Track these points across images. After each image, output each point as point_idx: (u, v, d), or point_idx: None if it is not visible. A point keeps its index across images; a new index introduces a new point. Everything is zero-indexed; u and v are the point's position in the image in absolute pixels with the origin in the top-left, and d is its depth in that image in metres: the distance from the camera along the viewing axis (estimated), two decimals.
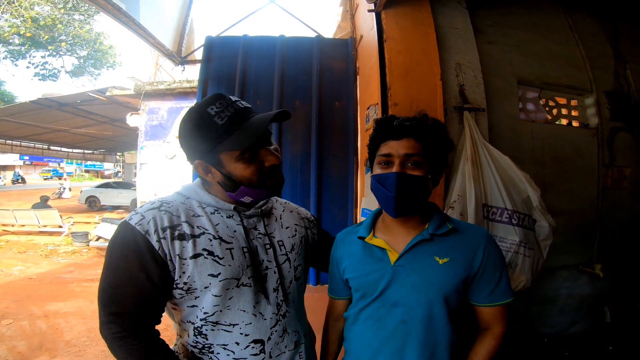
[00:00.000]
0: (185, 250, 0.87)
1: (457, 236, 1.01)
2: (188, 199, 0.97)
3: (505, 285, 1.01)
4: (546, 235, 1.74)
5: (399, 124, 0.97)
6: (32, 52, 16.27)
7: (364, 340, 1.06)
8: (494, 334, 1.01)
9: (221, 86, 2.50)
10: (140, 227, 0.84)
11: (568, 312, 2.23)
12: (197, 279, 0.88)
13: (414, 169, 0.96)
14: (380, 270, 1.01)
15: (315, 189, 2.33)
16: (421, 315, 0.97)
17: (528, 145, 2.16)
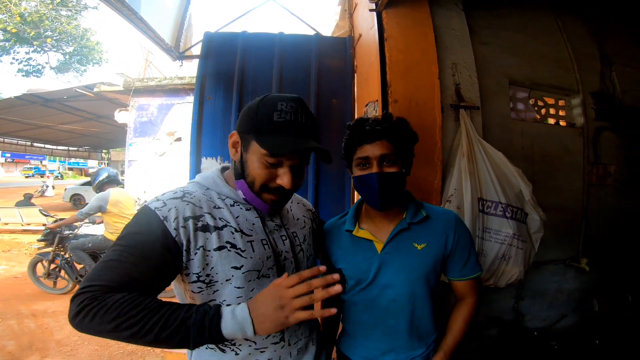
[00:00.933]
0: (209, 242, 0.87)
1: (430, 222, 1.17)
2: (208, 190, 0.97)
3: (473, 262, 1.18)
4: (537, 228, 1.82)
5: (370, 128, 1.08)
6: (17, 47, 15.84)
7: (361, 319, 1.21)
8: (468, 304, 1.19)
9: (219, 82, 2.50)
10: (160, 212, 0.83)
11: (557, 306, 2.31)
12: (220, 270, 0.88)
13: (389, 166, 1.09)
14: (369, 259, 1.16)
15: (313, 185, 2.36)
16: (407, 293, 1.13)
17: (518, 143, 2.23)
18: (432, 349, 1.18)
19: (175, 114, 7.12)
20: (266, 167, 0.89)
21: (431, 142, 1.84)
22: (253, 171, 0.91)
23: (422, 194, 1.82)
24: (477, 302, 1.19)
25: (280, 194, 0.94)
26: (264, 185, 0.92)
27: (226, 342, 0.90)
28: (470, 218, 1.75)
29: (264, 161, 0.89)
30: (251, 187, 0.93)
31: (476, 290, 1.20)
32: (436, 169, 1.84)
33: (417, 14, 2.01)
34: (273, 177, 0.91)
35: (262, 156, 0.88)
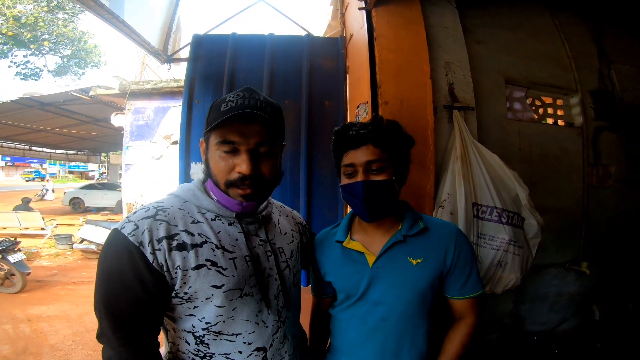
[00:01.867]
0: (186, 261, 0.82)
1: (429, 235, 1.07)
2: (186, 203, 0.91)
3: (475, 279, 1.07)
4: (535, 234, 1.76)
5: (355, 133, 1.00)
6: (14, 51, 15.83)
7: (347, 336, 1.12)
8: (467, 324, 1.08)
9: (209, 85, 2.45)
10: (134, 238, 0.79)
11: (557, 309, 2.25)
12: (200, 290, 0.84)
13: (377, 174, 1.00)
14: (360, 272, 1.07)
15: (305, 189, 2.31)
16: (399, 312, 1.04)
17: (515, 144, 2.18)
18: None
19: (172, 117, 7.07)
20: (223, 158, 0.86)
21: (423, 144, 1.78)
22: (214, 166, 0.88)
23: (414, 200, 1.74)
24: (476, 323, 1.09)
25: (247, 186, 0.87)
26: (227, 181, 0.87)
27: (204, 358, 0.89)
28: (465, 224, 1.69)
29: (220, 152, 0.86)
30: (218, 185, 0.89)
31: (476, 309, 1.09)
32: (429, 173, 1.78)
33: (408, 12, 1.95)
34: (233, 168, 0.86)
35: (217, 147, 0.86)
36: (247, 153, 0.85)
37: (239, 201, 0.89)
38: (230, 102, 0.86)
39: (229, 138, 0.85)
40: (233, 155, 0.86)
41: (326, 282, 1.17)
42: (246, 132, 0.85)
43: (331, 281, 1.14)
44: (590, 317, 2.29)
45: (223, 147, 0.85)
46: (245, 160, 0.85)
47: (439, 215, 1.74)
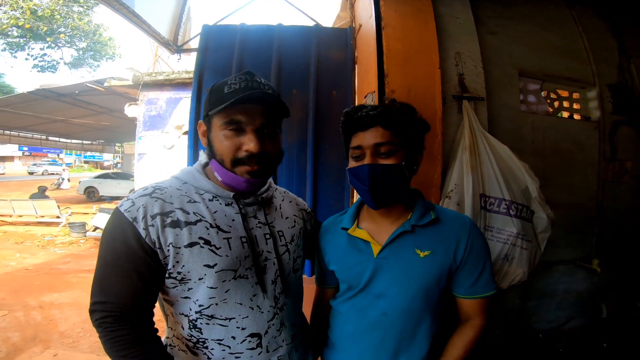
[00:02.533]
0: (179, 238, 0.82)
1: (440, 226, 1.00)
2: (185, 184, 0.92)
3: (487, 278, 0.99)
4: (544, 228, 1.72)
5: (364, 114, 0.95)
6: (31, 44, 16.17)
7: (345, 329, 1.07)
8: (474, 326, 1.00)
9: (217, 75, 2.45)
10: (129, 214, 0.81)
11: (565, 307, 2.21)
12: (192, 269, 0.84)
13: (386, 157, 0.94)
14: (363, 262, 1.01)
15: (312, 178, 2.29)
16: (401, 307, 0.98)
17: (528, 136, 2.13)
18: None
19: (184, 108, 7.13)
20: (229, 137, 0.87)
21: (431, 134, 1.72)
22: (219, 146, 0.88)
23: (420, 189, 1.71)
24: (484, 326, 1.00)
25: (254, 163, 0.88)
26: (234, 159, 0.88)
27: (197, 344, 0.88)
28: (471, 215, 1.66)
29: (226, 131, 0.87)
30: (223, 164, 0.89)
31: (485, 311, 1.00)
32: (436, 162, 1.75)
33: (418, 1, 1.90)
34: (239, 146, 0.87)
35: (221, 127, 0.87)
36: (253, 132, 0.87)
37: (245, 178, 0.89)
38: (233, 84, 0.87)
39: (235, 118, 0.86)
40: (239, 135, 0.87)
41: (329, 271, 1.12)
42: (252, 112, 0.87)
43: (334, 270, 1.09)
44: (597, 315, 2.24)
45: (229, 126, 0.86)
46: (253, 139, 0.86)
47: (445, 206, 1.71)
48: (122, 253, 0.80)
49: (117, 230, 0.81)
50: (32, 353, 3.04)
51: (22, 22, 13.83)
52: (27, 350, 3.08)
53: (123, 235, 0.80)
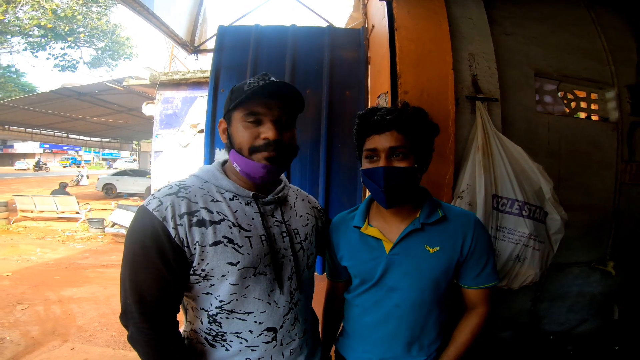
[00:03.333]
0: (205, 237, 0.86)
1: (447, 223, 1.07)
2: (206, 183, 0.95)
3: (491, 270, 1.07)
4: (557, 229, 1.71)
5: (380, 118, 0.99)
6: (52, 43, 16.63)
7: (361, 320, 1.14)
8: (479, 313, 1.09)
9: (233, 75, 2.50)
10: (158, 213, 0.83)
11: (577, 310, 2.18)
12: (216, 266, 0.87)
13: (399, 160, 0.99)
14: (376, 258, 1.08)
15: (324, 177, 2.34)
16: (413, 299, 1.05)
17: (544, 137, 2.10)
18: (432, 358, 1.10)
19: (199, 107, 7.26)
20: (248, 127, 0.91)
21: (444, 134, 1.75)
22: (238, 136, 0.92)
23: (432, 189, 1.72)
24: (487, 313, 1.10)
25: (272, 149, 0.91)
26: (252, 147, 0.91)
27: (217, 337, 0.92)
28: (483, 216, 1.66)
29: (245, 121, 0.91)
30: (241, 153, 0.93)
31: (489, 300, 1.10)
32: (448, 162, 1.76)
33: (430, 3, 1.91)
34: (258, 135, 0.91)
35: (241, 119, 0.92)
36: (271, 122, 0.91)
37: (263, 164, 0.91)
38: (253, 83, 0.91)
39: (254, 110, 0.91)
40: (257, 125, 0.91)
41: (342, 266, 1.18)
42: (270, 105, 0.91)
43: (347, 266, 1.15)
44: (609, 317, 2.21)
45: (248, 118, 0.91)
46: (271, 128, 0.90)
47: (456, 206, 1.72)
48: (153, 251, 0.82)
49: (148, 228, 0.83)
50: (50, 347, 3.11)
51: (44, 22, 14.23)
52: (46, 344, 3.16)
53: (154, 233, 0.82)
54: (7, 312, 3.75)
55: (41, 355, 2.94)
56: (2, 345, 3.02)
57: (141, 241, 0.83)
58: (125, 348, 3.13)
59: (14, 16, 14.41)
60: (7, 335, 3.21)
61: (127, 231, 0.87)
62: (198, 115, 7.23)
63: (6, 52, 17.15)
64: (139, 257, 0.83)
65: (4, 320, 3.53)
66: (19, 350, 2.99)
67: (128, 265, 0.84)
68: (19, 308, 3.92)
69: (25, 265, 5.66)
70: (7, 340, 3.12)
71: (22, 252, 6.35)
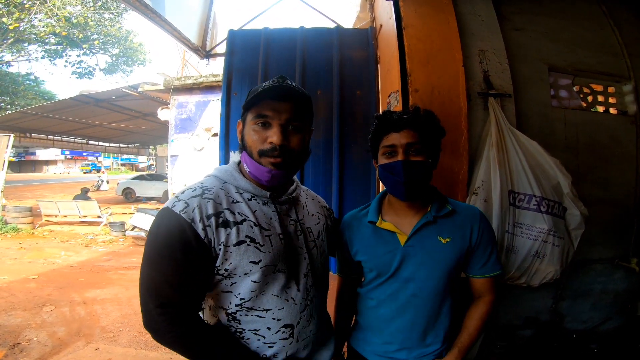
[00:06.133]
0: (229, 238, 0.88)
1: (456, 216, 1.15)
2: (225, 184, 0.97)
3: (495, 259, 1.16)
4: (577, 224, 1.67)
5: (398, 117, 1.09)
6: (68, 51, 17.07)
7: (377, 313, 1.20)
8: (486, 301, 1.17)
9: (244, 78, 2.54)
10: (186, 215, 0.84)
11: (601, 308, 2.12)
12: (239, 265, 0.89)
13: (416, 155, 1.08)
14: (392, 251, 1.14)
15: (337, 176, 2.37)
16: (430, 289, 1.12)
17: (560, 132, 2.05)
18: (445, 346, 1.15)
19: (212, 110, 7.36)
20: (257, 131, 0.93)
21: (456, 131, 1.75)
22: (249, 139, 0.95)
23: (447, 186, 1.74)
24: (495, 301, 1.17)
25: (277, 155, 0.92)
26: (260, 150, 0.93)
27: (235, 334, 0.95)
28: (499, 212, 1.64)
29: (255, 126, 0.93)
30: (252, 156, 0.95)
31: (495, 288, 1.18)
32: (462, 159, 1.75)
33: (437, 1, 1.90)
34: (265, 139, 0.93)
35: (252, 122, 0.94)
36: (278, 126, 0.93)
37: (269, 169, 0.93)
38: (266, 85, 0.93)
39: (263, 113, 0.93)
40: (266, 129, 0.93)
41: (355, 262, 1.23)
42: (278, 108, 0.93)
43: (361, 260, 1.21)
44: (633, 314, 2.14)
45: (258, 120, 0.93)
46: (277, 132, 0.92)
47: (472, 203, 1.70)
48: (180, 251, 0.83)
49: (175, 230, 0.84)
50: (75, 347, 3.19)
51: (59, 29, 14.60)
52: (72, 344, 3.23)
53: (182, 234, 0.83)
54: (34, 313, 3.85)
55: (67, 356, 3.01)
56: (29, 346, 3.10)
57: (168, 242, 0.84)
58: (147, 348, 3.20)
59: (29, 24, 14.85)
60: (35, 336, 3.29)
61: (150, 234, 0.87)
62: (212, 118, 7.33)
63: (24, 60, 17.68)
64: (166, 258, 0.84)
65: (32, 322, 3.62)
66: (46, 351, 3.06)
67: (153, 266, 0.85)
68: (45, 310, 4.02)
69: (50, 268, 5.80)
70: (34, 341, 3.20)
71: (48, 255, 6.52)
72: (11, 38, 14.94)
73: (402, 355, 1.16)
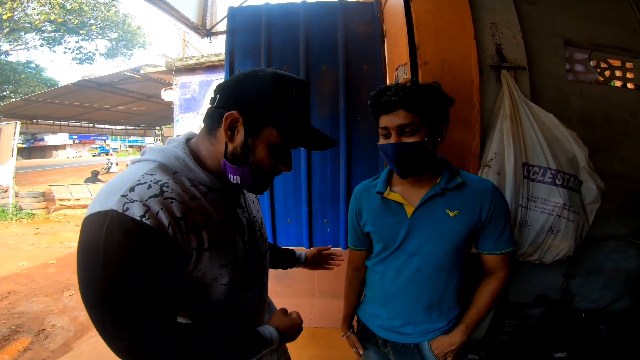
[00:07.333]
0: (200, 242, 0.75)
1: (465, 189, 1.09)
2: (176, 175, 0.78)
3: (508, 235, 1.10)
4: (593, 199, 1.63)
5: (387, 99, 1.02)
6: (66, 37, 16.88)
7: (383, 287, 1.19)
8: (498, 278, 1.13)
9: (247, 56, 2.47)
10: (151, 222, 0.66)
11: (612, 286, 2.09)
12: (209, 270, 0.79)
13: (409, 136, 1.01)
14: (399, 223, 1.11)
15: (345, 150, 2.37)
16: (434, 263, 1.09)
17: (576, 106, 1.99)
18: (453, 324, 1.14)
19: None
20: (277, 153, 0.81)
21: (468, 104, 1.70)
22: (263, 158, 0.79)
23: (458, 159, 1.72)
24: (507, 278, 1.13)
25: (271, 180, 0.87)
26: (268, 171, 0.82)
27: None
28: (513, 185, 1.60)
29: (278, 147, 0.80)
30: (253, 173, 0.81)
31: (507, 265, 1.13)
32: (474, 131, 1.71)
33: None
34: (277, 162, 0.82)
35: (277, 142, 0.79)
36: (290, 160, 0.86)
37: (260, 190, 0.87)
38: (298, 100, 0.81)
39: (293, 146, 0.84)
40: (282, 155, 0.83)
41: (364, 233, 1.22)
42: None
43: (370, 231, 1.19)
44: None
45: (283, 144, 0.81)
46: (291, 161, 0.86)
47: (484, 175, 1.67)
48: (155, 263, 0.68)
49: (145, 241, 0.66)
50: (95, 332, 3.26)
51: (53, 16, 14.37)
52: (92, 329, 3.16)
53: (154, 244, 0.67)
54: (55, 299, 3.85)
55: (89, 340, 3.02)
56: (54, 332, 3.12)
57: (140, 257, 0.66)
58: None
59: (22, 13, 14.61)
60: (58, 322, 3.31)
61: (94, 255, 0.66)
62: None
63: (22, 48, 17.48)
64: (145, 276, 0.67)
65: (54, 307, 3.63)
66: (70, 335, 3.09)
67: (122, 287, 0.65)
68: (66, 294, 4.00)
69: (67, 252, 5.74)
70: (58, 327, 3.22)
71: (64, 240, 6.52)
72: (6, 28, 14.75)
73: (408, 330, 1.16)
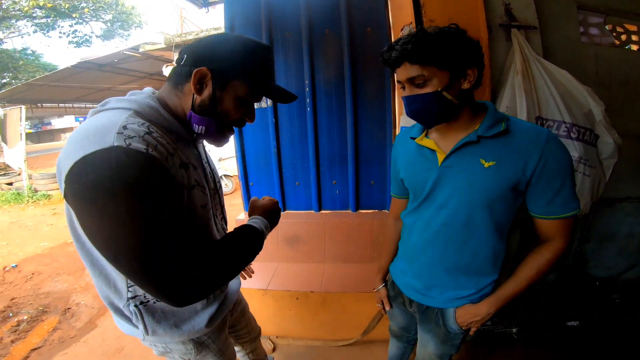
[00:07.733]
0: (189, 181, 0.79)
1: (509, 138, 0.91)
2: (151, 122, 0.77)
3: (567, 196, 0.90)
4: (610, 153, 1.55)
5: (389, 55, 0.93)
6: (59, 22, 16.61)
7: (410, 241, 1.11)
8: (551, 248, 0.95)
9: (248, 22, 2.40)
10: (156, 153, 0.66)
11: (627, 253, 2.03)
12: (191, 210, 0.80)
13: (420, 87, 0.91)
14: (428, 170, 1.01)
15: (352, 111, 2.34)
16: (462, 218, 0.97)
17: (591, 67, 1.90)
18: (484, 293, 1.03)
19: None
20: (245, 104, 0.86)
21: None
22: (229, 109, 0.84)
23: None
24: (562, 249, 0.94)
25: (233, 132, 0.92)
26: (232, 122, 0.87)
27: None
28: None
29: (245, 99, 0.85)
30: (219, 124, 0.85)
31: (566, 233, 0.93)
32: (484, 87, 1.63)
33: None
34: (243, 114, 0.88)
35: (244, 94, 0.83)
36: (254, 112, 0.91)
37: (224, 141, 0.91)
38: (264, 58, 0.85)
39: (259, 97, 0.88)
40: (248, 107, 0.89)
41: (399, 179, 1.16)
42: None
43: (402, 178, 1.13)
44: None
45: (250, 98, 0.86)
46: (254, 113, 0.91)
47: None
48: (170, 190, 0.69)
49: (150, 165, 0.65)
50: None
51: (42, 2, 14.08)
52: None
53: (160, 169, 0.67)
54: (77, 277, 3.81)
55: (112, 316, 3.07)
56: (79, 310, 3.10)
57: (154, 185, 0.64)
58: None
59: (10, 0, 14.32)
60: (82, 300, 3.29)
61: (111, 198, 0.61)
62: None
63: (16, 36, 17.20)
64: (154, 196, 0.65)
65: (77, 285, 3.60)
66: (94, 313, 3.06)
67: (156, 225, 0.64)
68: (87, 272, 3.97)
69: None
70: (82, 305, 3.20)
71: None
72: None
73: (434, 294, 1.08)
